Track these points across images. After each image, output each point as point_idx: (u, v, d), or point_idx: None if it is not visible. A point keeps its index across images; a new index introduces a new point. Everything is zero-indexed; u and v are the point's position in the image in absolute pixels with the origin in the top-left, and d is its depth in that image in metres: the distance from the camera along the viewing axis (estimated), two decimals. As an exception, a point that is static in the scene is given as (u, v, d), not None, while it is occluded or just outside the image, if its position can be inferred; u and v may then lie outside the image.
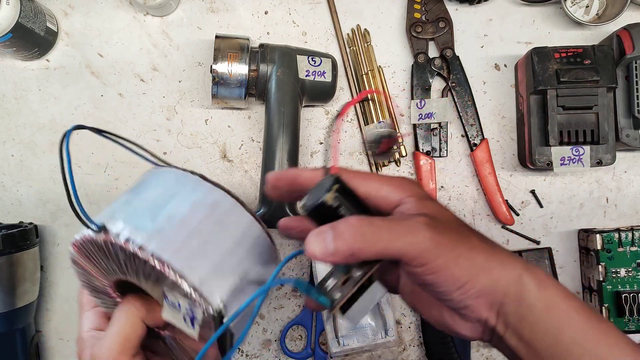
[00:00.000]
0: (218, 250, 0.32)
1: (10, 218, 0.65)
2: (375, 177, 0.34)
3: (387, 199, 0.33)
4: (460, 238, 0.31)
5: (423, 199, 0.33)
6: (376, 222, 0.30)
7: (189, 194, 0.34)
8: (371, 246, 0.29)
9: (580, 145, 0.60)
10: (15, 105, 0.66)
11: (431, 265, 0.30)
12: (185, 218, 0.32)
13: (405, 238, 0.30)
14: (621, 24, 0.62)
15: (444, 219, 0.32)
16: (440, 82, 0.67)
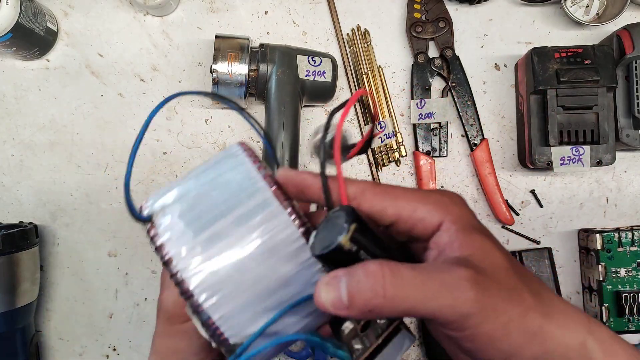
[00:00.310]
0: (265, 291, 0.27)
1: (10, 218, 0.65)
2: (408, 194, 0.27)
3: (425, 223, 0.27)
4: (511, 296, 0.25)
5: (468, 229, 0.27)
6: (403, 272, 0.24)
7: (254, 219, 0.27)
8: (395, 305, 0.24)
9: (580, 145, 0.60)
10: (15, 105, 0.66)
11: (472, 332, 0.24)
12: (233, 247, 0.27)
13: (441, 299, 0.24)
14: (621, 23, 0.62)
15: (494, 267, 0.26)
16: (440, 82, 0.67)
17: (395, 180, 0.66)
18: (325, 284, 0.25)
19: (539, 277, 0.62)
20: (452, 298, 0.24)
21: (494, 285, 0.25)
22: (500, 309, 0.24)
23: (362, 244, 0.25)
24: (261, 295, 0.27)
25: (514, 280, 0.26)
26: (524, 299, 0.25)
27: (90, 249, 0.65)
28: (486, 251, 0.26)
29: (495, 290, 0.25)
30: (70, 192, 0.65)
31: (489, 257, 0.26)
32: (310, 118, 0.67)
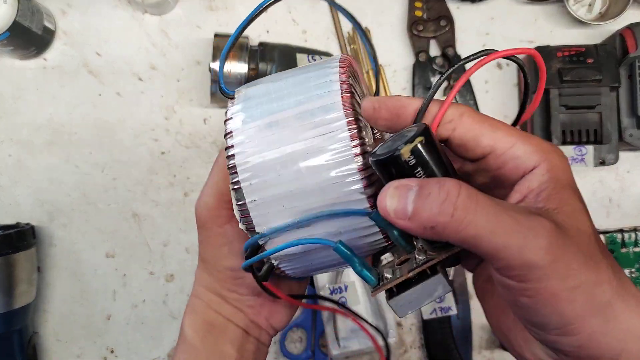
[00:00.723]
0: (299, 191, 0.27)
1: (7, 219, 0.64)
2: (508, 129, 0.25)
3: (519, 161, 0.24)
4: (587, 263, 0.23)
5: (561, 183, 0.24)
6: (480, 198, 0.22)
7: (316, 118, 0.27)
8: (461, 228, 0.22)
9: (583, 145, 0.60)
10: (12, 105, 0.65)
11: (534, 286, 0.22)
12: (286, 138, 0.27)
13: (511, 237, 0.22)
14: (624, 22, 0.61)
15: (577, 229, 0.24)
16: (441, 81, 0.66)
17: (396, 180, 0.66)
18: (394, 188, 0.23)
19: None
20: (524, 240, 0.22)
21: (572, 245, 0.23)
22: (572, 270, 0.22)
23: (423, 159, 0.23)
24: (296, 193, 0.26)
25: (594, 249, 0.24)
26: (600, 270, 0.23)
27: (88, 250, 0.64)
28: (574, 212, 0.24)
29: (572, 250, 0.22)
30: (68, 192, 0.65)
31: (575, 219, 0.24)
32: (310, 117, 0.66)
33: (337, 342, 0.60)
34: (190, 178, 0.65)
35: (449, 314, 0.62)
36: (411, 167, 0.23)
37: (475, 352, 0.65)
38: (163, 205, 0.65)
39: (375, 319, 0.61)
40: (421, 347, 0.65)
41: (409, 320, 0.65)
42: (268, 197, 0.27)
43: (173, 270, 0.64)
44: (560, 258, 0.22)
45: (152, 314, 0.64)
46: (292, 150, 0.26)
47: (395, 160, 0.23)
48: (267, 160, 0.27)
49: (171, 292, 0.64)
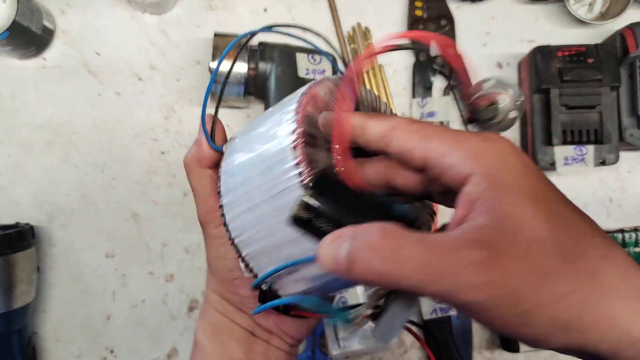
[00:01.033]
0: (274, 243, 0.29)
1: (6, 218, 0.64)
2: (443, 136, 0.24)
3: (454, 171, 0.23)
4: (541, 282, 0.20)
5: (503, 189, 0.22)
6: (406, 247, 0.21)
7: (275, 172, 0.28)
8: (393, 283, 0.21)
9: (584, 145, 0.60)
10: (11, 105, 0.65)
11: (485, 317, 0.21)
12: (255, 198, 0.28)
13: (444, 283, 0.20)
14: (624, 22, 0.61)
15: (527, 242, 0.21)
16: (441, 81, 0.66)
17: (396, 180, 0.66)
18: (327, 244, 0.22)
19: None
20: (455, 283, 0.20)
21: (516, 268, 0.20)
22: (519, 297, 0.20)
23: (319, 212, 0.23)
24: (275, 246, 0.28)
25: (553, 261, 0.21)
26: (559, 285, 0.20)
27: (87, 250, 0.64)
28: (519, 221, 0.21)
29: (517, 275, 0.20)
30: (67, 192, 0.65)
31: (521, 229, 0.21)
32: (310, 117, 0.66)
33: (337, 342, 0.60)
34: (190, 178, 0.65)
35: (449, 314, 0.62)
36: (310, 224, 0.23)
37: (475, 352, 0.65)
38: (163, 205, 0.65)
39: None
40: (421, 348, 0.65)
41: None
42: (256, 250, 0.29)
43: (172, 270, 0.64)
44: (500, 288, 0.20)
45: (152, 314, 0.64)
46: (263, 211, 0.28)
47: (295, 222, 0.24)
48: (247, 220, 0.29)
49: (171, 292, 0.64)
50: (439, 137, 0.24)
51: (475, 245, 0.21)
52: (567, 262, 0.21)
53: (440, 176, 0.23)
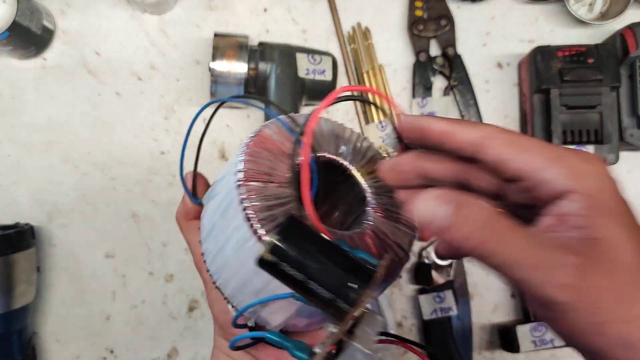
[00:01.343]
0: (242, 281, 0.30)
1: (6, 219, 0.64)
2: (540, 149, 0.24)
3: (549, 186, 0.23)
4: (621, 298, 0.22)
5: (600, 210, 0.23)
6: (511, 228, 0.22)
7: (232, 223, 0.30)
8: (487, 255, 0.22)
9: (584, 145, 0.60)
10: (11, 105, 0.65)
11: (559, 317, 0.23)
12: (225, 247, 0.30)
13: (535, 271, 0.22)
14: (625, 22, 0.61)
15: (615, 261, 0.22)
16: (442, 81, 0.66)
17: (396, 180, 0.66)
18: (434, 197, 0.23)
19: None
20: (545, 276, 0.22)
21: (603, 282, 0.22)
22: (601, 308, 0.22)
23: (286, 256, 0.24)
24: (244, 282, 0.29)
25: (629, 283, 0.22)
26: (635, 307, 0.22)
27: (87, 250, 0.64)
28: (612, 242, 0.22)
29: (603, 286, 0.22)
30: (67, 192, 0.65)
31: (612, 250, 0.22)
32: (310, 117, 0.66)
33: (337, 342, 0.60)
34: (190, 178, 0.65)
35: (449, 314, 0.62)
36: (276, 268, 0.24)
37: (475, 353, 0.65)
38: (162, 205, 0.65)
39: (375, 319, 0.60)
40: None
41: (409, 321, 0.65)
42: (233, 289, 0.31)
43: (172, 271, 0.64)
44: (585, 295, 0.22)
45: (152, 314, 0.64)
46: (227, 251, 0.29)
47: (263, 266, 0.24)
48: (220, 262, 0.31)
49: (170, 292, 0.64)
50: (538, 151, 0.24)
51: (571, 251, 0.22)
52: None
53: (534, 189, 0.24)
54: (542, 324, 0.60)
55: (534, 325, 0.60)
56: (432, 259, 0.63)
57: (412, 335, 0.65)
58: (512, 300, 0.66)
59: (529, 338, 0.60)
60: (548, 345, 0.59)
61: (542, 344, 0.59)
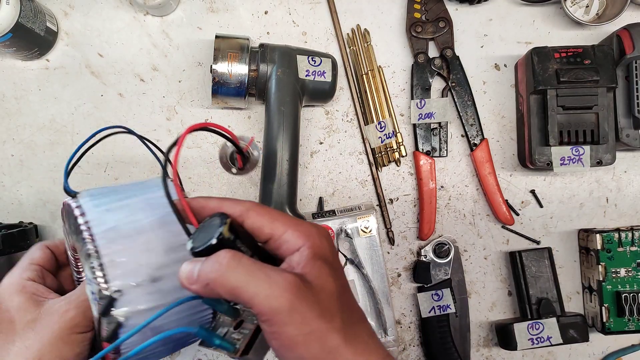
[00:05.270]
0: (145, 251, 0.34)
1: (10, 218, 0.65)
2: (283, 219, 0.33)
3: (288, 245, 0.32)
4: (322, 314, 0.29)
5: (317, 257, 0.31)
6: (244, 260, 0.29)
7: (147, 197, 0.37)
8: (224, 282, 0.29)
9: (580, 145, 0.60)
10: (15, 105, 0.66)
11: (279, 330, 0.29)
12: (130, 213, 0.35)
13: (261, 287, 0.28)
14: (621, 23, 0.62)
15: (321, 288, 0.30)
16: (440, 82, 0.67)
17: (395, 180, 0.66)
18: (187, 263, 0.31)
19: (539, 277, 0.62)
20: (269, 289, 0.28)
21: (311, 299, 0.29)
22: (307, 319, 0.29)
23: (240, 234, 0.31)
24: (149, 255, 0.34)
25: (332, 305, 0.31)
26: (333, 321, 0.30)
27: (90, 249, 0.65)
28: (322, 275, 0.31)
29: (310, 303, 0.29)
30: (70, 192, 0.65)
31: (321, 280, 0.31)
32: (310, 118, 0.67)
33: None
34: (192, 178, 0.66)
35: (448, 312, 0.62)
36: (232, 242, 0.30)
37: (473, 350, 0.65)
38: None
39: (375, 317, 0.61)
40: (419, 345, 0.66)
41: (407, 319, 0.66)
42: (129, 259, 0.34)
43: (174, 269, 0.65)
44: (297, 307, 0.28)
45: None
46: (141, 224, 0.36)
47: (219, 243, 0.30)
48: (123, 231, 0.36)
49: (172, 290, 0.65)
50: (282, 220, 0.33)
51: (294, 274, 0.30)
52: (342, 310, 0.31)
53: (280, 247, 0.32)
54: (539, 322, 0.61)
55: (531, 323, 0.61)
56: (430, 258, 0.64)
57: (411, 333, 0.66)
58: (510, 298, 0.67)
59: (526, 336, 0.60)
60: (545, 343, 0.60)
61: (539, 341, 0.60)
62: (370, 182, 0.66)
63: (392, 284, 0.66)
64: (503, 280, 0.67)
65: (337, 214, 0.62)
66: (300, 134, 0.62)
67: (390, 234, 0.66)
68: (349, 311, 0.32)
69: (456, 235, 0.66)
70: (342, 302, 0.31)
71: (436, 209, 0.65)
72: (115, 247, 0.33)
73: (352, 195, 0.66)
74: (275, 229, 0.32)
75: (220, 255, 0.29)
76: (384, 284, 0.61)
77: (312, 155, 0.66)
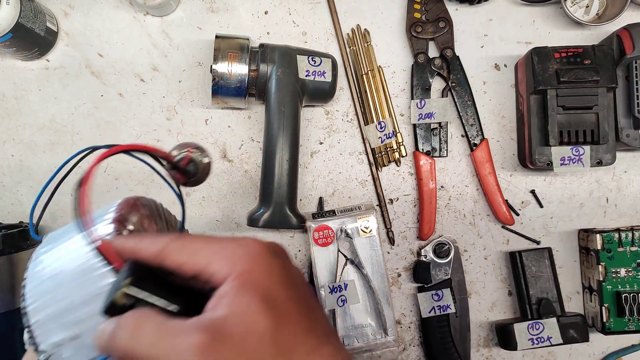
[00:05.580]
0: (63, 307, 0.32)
1: (10, 218, 0.65)
2: (207, 248, 0.29)
3: (216, 277, 0.28)
4: None
5: (245, 288, 0.27)
6: (149, 323, 0.26)
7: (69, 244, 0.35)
8: (133, 351, 0.26)
9: (580, 145, 0.60)
10: (15, 105, 0.66)
11: None
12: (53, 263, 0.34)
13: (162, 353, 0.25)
14: (621, 23, 0.62)
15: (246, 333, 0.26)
16: (440, 82, 0.67)
17: (395, 180, 0.66)
18: (100, 329, 0.27)
19: (539, 277, 0.62)
20: (170, 356, 0.25)
21: (231, 353, 0.25)
22: None
23: (142, 292, 0.27)
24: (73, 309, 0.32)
25: (261, 350, 0.26)
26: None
27: (90, 249, 0.65)
28: (247, 315, 0.26)
29: (228, 356, 0.25)
30: (70, 192, 0.65)
31: (247, 322, 0.26)
32: (310, 118, 0.67)
33: (336, 340, 0.61)
34: (192, 178, 0.66)
35: (448, 312, 0.62)
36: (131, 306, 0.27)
37: (473, 350, 0.65)
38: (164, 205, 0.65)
39: (375, 317, 0.61)
40: (420, 345, 0.66)
41: (408, 319, 0.66)
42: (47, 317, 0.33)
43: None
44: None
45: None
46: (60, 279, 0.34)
47: (115, 306, 0.27)
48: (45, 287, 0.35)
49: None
50: (204, 249, 0.28)
51: (202, 331, 0.25)
52: (279, 354, 0.26)
53: (209, 280, 0.28)
54: (539, 322, 0.61)
55: (531, 323, 0.61)
56: (430, 258, 0.64)
57: (411, 333, 0.66)
58: (510, 298, 0.67)
59: (526, 336, 0.60)
60: (545, 343, 0.60)
61: (539, 341, 0.60)
62: (370, 182, 0.66)
63: (392, 284, 0.66)
64: (503, 280, 0.67)
65: (337, 214, 0.62)
66: (300, 134, 0.62)
67: (390, 234, 0.66)
68: (291, 349, 0.27)
69: (456, 235, 0.66)
70: (278, 341, 0.26)
71: (436, 209, 0.65)
72: (38, 305, 0.33)
73: (352, 195, 0.66)
74: (198, 261, 0.28)
75: (124, 319, 0.27)
76: (384, 284, 0.61)
77: (312, 155, 0.66)
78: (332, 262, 0.61)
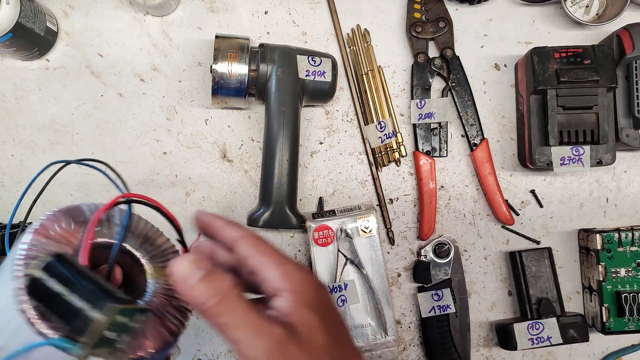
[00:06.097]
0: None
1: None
2: (271, 256, 0.32)
3: (269, 283, 0.32)
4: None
5: (303, 304, 0.31)
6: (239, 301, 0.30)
7: None
8: (216, 317, 0.29)
9: (580, 145, 0.60)
10: (15, 105, 0.66)
11: None
12: None
13: (246, 335, 0.29)
14: (621, 23, 0.62)
15: (310, 341, 0.30)
16: (440, 82, 0.67)
17: (395, 180, 0.66)
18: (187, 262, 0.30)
19: (539, 277, 0.62)
20: (252, 339, 0.28)
21: (298, 351, 0.29)
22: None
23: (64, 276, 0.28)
24: None
25: (321, 357, 0.30)
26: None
27: (90, 249, 0.65)
28: (308, 327, 0.30)
29: (297, 355, 0.29)
30: (70, 192, 0.65)
31: (309, 333, 0.30)
32: (310, 118, 0.67)
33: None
34: (192, 178, 0.66)
35: (448, 312, 0.62)
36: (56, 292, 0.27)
37: (473, 350, 0.65)
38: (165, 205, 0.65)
39: (375, 317, 0.61)
40: (420, 345, 0.66)
41: (408, 319, 0.66)
42: None
43: (174, 269, 0.65)
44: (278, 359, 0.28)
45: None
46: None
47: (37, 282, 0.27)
48: None
49: (172, 290, 0.65)
50: (269, 256, 0.32)
51: (283, 326, 0.30)
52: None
53: (262, 283, 0.32)
54: (539, 322, 0.61)
55: (531, 323, 0.61)
56: (430, 258, 0.64)
57: (411, 333, 0.66)
58: (510, 298, 0.67)
59: (526, 336, 0.60)
60: (545, 343, 0.60)
61: (539, 341, 0.60)
62: (370, 182, 0.66)
63: (392, 284, 0.66)
64: (503, 280, 0.67)
65: (337, 214, 0.62)
66: (300, 134, 0.62)
67: (390, 234, 0.66)
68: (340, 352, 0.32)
69: (456, 235, 0.66)
70: (331, 355, 0.31)
71: (436, 209, 0.65)
72: None
73: (352, 195, 0.66)
74: (260, 263, 0.32)
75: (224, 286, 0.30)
76: (384, 284, 0.61)
77: (312, 155, 0.66)
78: (332, 262, 0.61)
